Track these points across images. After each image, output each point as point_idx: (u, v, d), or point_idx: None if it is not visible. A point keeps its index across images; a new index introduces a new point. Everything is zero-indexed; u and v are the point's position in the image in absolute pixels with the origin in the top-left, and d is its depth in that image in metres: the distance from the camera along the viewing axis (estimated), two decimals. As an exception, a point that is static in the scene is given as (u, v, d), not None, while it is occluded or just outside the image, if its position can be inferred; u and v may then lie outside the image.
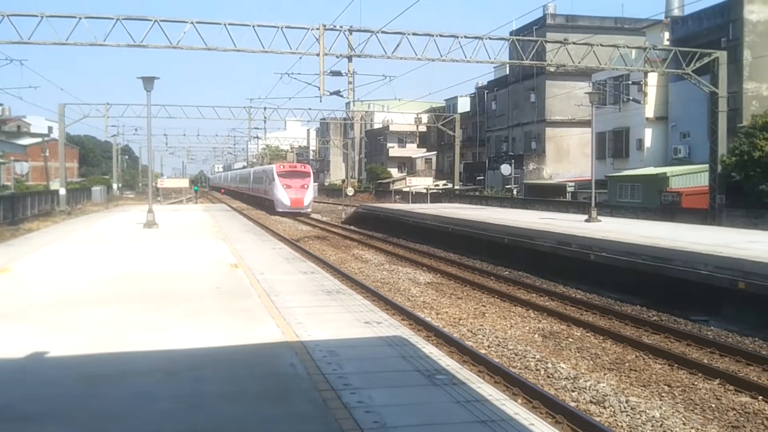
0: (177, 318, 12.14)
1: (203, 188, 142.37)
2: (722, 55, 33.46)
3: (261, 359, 9.51)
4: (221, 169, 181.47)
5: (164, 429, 6.94)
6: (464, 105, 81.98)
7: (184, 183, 71.51)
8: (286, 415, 7.37)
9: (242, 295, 14.52)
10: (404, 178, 74.82)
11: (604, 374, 12.17)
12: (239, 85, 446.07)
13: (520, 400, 10.55)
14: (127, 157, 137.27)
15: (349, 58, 30.97)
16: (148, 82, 31.63)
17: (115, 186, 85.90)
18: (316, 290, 15.42)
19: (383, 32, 30.75)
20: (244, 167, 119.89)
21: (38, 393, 8.01)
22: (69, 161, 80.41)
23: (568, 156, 61.66)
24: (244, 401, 7.81)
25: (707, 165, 34.43)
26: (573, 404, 10.56)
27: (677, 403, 10.73)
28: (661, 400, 10.83)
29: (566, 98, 59.15)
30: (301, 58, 31.85)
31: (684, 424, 9.75)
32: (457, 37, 31.34)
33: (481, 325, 15.70)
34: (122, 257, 20.73)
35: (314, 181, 67.80)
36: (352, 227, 45.94)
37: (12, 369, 9.05)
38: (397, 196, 72.02)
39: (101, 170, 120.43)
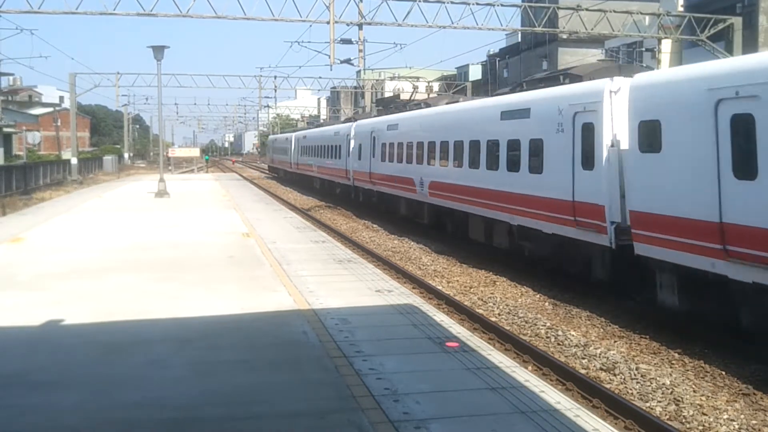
0: (189, 286, 12.23)
1: (214, 158, 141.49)
2: (737, 21, 33.01)
3: (273, 327, 9.58)
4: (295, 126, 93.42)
5: (177, 396, 7.02)
6: (476, 73, 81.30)
7: (195, 152, 71.69)
8: (299, 381, 7.43)
9: (254, 263, 14.59)
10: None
11: (615, 342, 12.18)
12: (249, 54, 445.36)
13: (530, 368, 10.59)
14: (138, 126, 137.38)
15: (360, 26, 30.70)
16: (158, 51, 31.58)
17: (126, 155, 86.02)
18: (328, 259, 15.47)
19: (394, -1, 30.46)
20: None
21: (52, 361, 8.11)
22: (80, 131, 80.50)
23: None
24: (256, 368, 7.88)
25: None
26: (583, 371, 10.59)
27: (688, 370, 10.74)
28: (671, 367, 10.85)
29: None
30: (311, 26, 31.60)
31: (694, 391, 9.77)
32: (469, 4, 30.99)
33: (492, 293, 15.72)
34: (134, 226, 20.84)
35: None
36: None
37: (26, 337, 9.15)
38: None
39: (112, 139, 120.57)
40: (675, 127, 11.83)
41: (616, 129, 13.84)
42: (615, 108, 13.87)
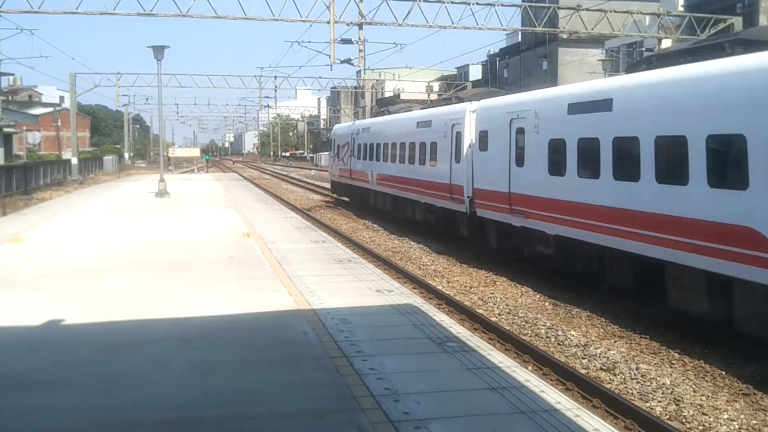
0: (190, 286, 12.22)
1: (215, 158, 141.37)
2: (737, 21, 33.01)
3: (273, 327, 9.58)
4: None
5: (177, 395, 7.02)
6: (476, 73, 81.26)
7: (195, 152, 71.81)
8: (299, 382, 7.43)
9: (254, 263, 14.58)
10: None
11: (615, 342, 12.19)
12: (249, 54, 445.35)
13: (530, 368, 10.60)
14: (138, 126, 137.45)
15: (360, 26, 30.69)
16: (159, 51, 31.57)
17: (126, 155, 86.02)
18: (328, 259, 15.46)
19: (394, -1, 30.48)
20: None
21: (52, 361, 8.11)
22: (81, 131, 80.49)
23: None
24: (256, 368, 7.88)
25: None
26: (583, 371, 10.59)
27: (688, 370, 10.74)
28: (671, 367, 10.85)
29: (579, 65, 58.49)
30: (311, 26, 31.59)
31: (694, 391, 9.77)
32: (469, 4, 31.00)
33: (492, 293, 15.72)
34: (135, 226, 20.83)
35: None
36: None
37: (26, 337, 9.15)
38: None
39: (113, 139, 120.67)
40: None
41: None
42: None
